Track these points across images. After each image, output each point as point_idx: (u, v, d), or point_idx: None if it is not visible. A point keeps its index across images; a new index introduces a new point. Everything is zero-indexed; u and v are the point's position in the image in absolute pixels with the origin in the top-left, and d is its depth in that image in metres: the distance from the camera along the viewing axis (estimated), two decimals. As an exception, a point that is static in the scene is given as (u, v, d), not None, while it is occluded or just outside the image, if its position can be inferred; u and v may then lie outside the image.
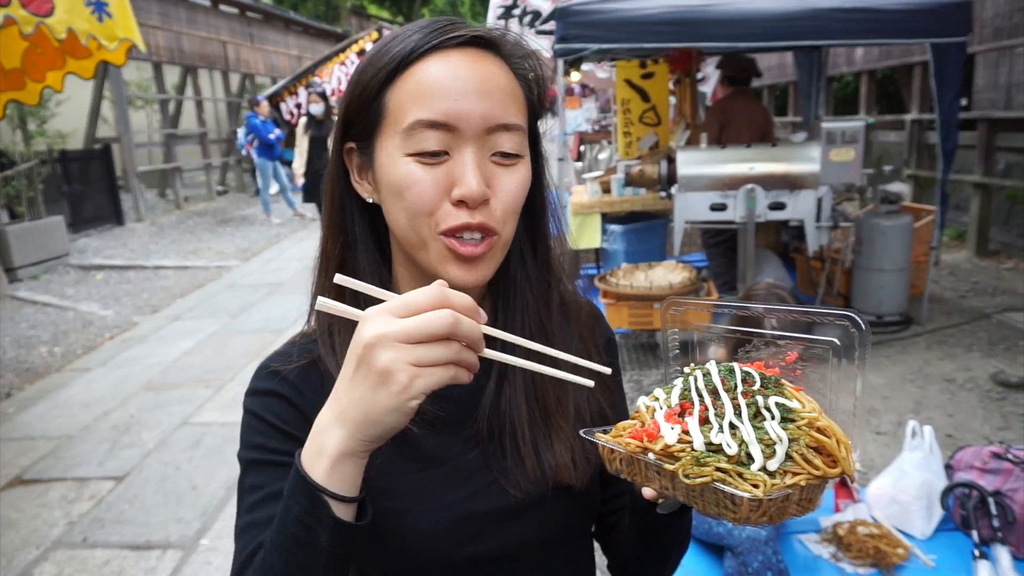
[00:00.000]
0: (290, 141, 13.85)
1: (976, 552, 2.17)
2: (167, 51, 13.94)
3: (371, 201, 0.84)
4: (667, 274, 5.20)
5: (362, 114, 0.80)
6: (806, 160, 4.85)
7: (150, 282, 8.60)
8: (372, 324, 0.61)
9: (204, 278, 8.69)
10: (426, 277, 0.86)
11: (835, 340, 0.72)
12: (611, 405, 0.95)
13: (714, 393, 0.69)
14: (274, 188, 12.32)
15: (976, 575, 2.12)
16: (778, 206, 4.90)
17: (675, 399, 0.71)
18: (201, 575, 3.09)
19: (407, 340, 0.60)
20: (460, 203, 0.75)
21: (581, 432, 0.78)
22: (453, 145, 0.75)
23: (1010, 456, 2.34)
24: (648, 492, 0.75)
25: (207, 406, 4.86)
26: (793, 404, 0.67)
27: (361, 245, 0.86)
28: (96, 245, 10.62)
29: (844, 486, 2.54)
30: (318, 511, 0.64)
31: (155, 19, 13.35)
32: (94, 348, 6.31)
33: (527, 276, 0.90)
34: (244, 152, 12.82)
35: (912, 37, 5.08)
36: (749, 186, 4.81)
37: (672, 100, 7.86)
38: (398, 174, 0.76)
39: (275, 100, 14.67)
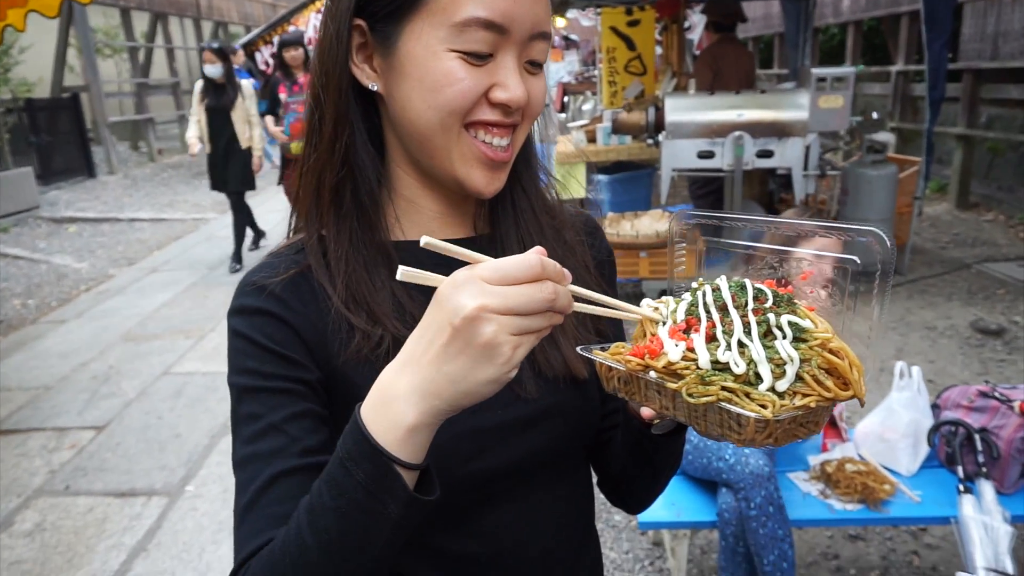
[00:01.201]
0: (264, 93, 13.48)
1: (961, 487, 2.20)
2: (135, -4, 13.40)
3: (373, 88, 0.77)
4: (653, 223, 5.16)
5: None
6: (795, 107, 4.79)
7: (125, 235, 8.41)
8: (469, 294, 0.56)
9: (181, 230, 8.52)
10: (430, 181, 0.81)
11: (855, 259, 0.68)
12: (610, 322, 0.92)
13: (723, 309, 0.65)
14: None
15: (960, 509, 2.15)
16: (766, 154, 4.85)
17: (681, 314, 0.67)
18: (188, 520, 3.07)
19: (511, 313, 0.56)
20: (498, 105, 0.73)
21: (578, 349, 0.75)
22: (498, 47, 0.72)
23: (996, 395, 2.36)
24: (647, 412, 0.72)
25: (188, 356, 4.79)
26: (806, 323, 0.64)
27: (359, 138, 0.79)
28: (67, 198, 10.33)
29: (833, 427, 2.57)
30: (389, 482, 0.60)
31: (121, -39, 12.80)
32: (69, 300, 6.18)
33: (522, 189, 0.87)
34: (218, 102, 12.45)
35: (905, -19, 4.98)
36: (737, 133, 4.76)
37: (658, 49, 7.72)
38: (439, 68, 0.71)
39: (250, 49, 14.21)
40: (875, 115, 5.13)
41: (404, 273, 0.58)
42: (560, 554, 0.86)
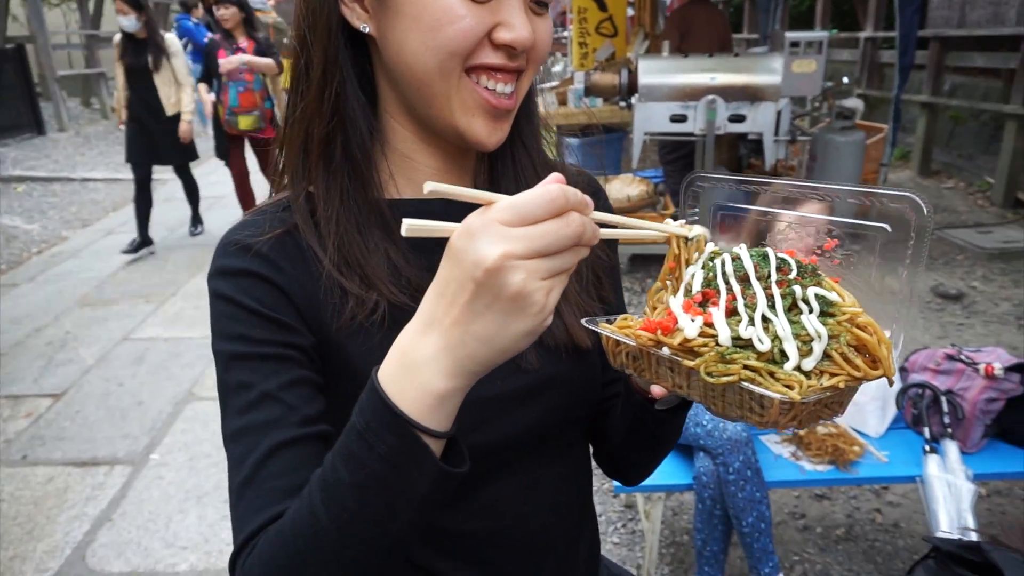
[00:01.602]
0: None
1: (927, 447, 2.25)
2: (81, -58, 12.68)
3: (365, 30, 0.71)
4: (624, 187, 5.14)
5: None
6: (768, 71, 4.77)
7: (78, 195, 8.09)
8: (488, 242, 0.50)
9: (137, 192, 8.20)
10: (427, 133, 0.75)
11: (886, 226, 0.64)
12: (612, 288, 0.88)
13: (744, 281, 0.60)
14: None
15: (926, 468, 2.21)
16: (738, 118, 4.84)
17: (697, 285, 0.62)
18: (153, 489, 3.00)
19: (537, 255, 0.51)
20: (502, 47, 0.68)
21: (583, 321, 0.71)
22: None
23: (962, 357, 2.41)
24: (657, 391, 0.68)
25: (149, 321, 4.65)
26: (833, 296, 0.59)
27: (350, 86, 0.72)
28: (15, 156, 9.86)
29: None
30: (416, 454, 0.55)
31: (65, -96, 12.06)
32: (20, 263, 5.93)
33: (522, 144, 0.82)
34: (175, 58, 11.94)
35: (878, -56, 4.96)
36: (710, 97, 4.72)
37: (630, 10, 7.60)
38: (437, 5, 0.65)
39: (208, 3, 13.63)
40: (845, 80, 5.13)
41: (410, 227, 0.52)
42: (560, 530, 0.84)
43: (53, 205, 7.71)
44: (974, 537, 1.70)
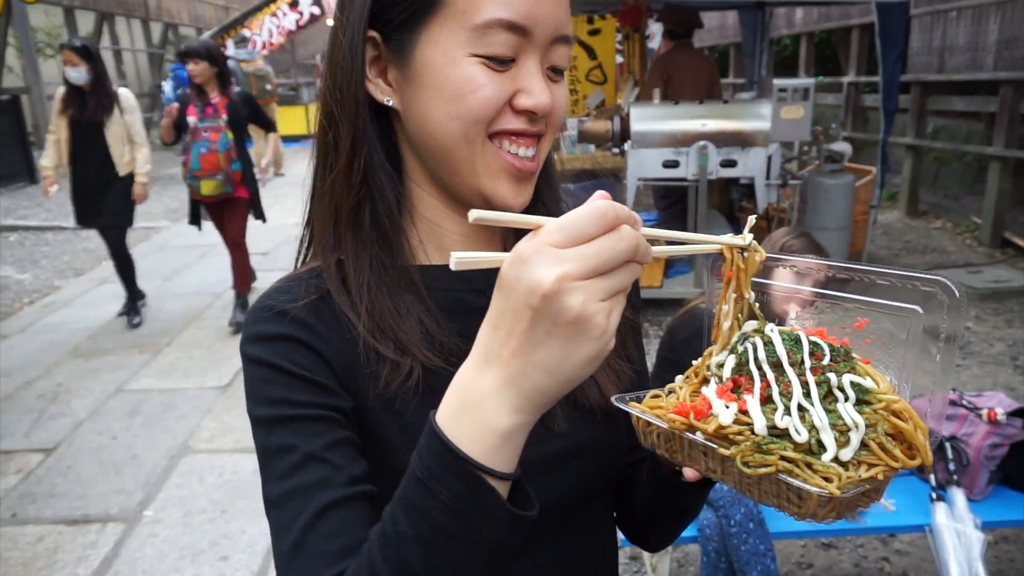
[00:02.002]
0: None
1: (933, 495, 2.24)
2: (79, -5, 12.93)
3: (389, 103, 0.73)
4: (619, 232, 5.18)
5: None
6: (757, 117, 4.87)
7: (71, 244, 8.07)
8: (542, 266, 0.49)
9: (131, 240, 8.16)
10: (453, 200, 0.76)
11: (918, 308, 0.64)
12: (635, 347, 0.89)
13: (777, 367, 0.60)
14: (203, 145, 11.69)
15: (934, 517, 2.19)
16: (729, 163, 4.92)
17: (728, 371, 0.62)
18: (147, 547, 2.93)
19: (593, 275, 0.49)
20: (523, 113, 0.69)
21: (613, 399, 0.70)
22: (521, 51, 0.68)
23: (964, 403, 2.42)
24: (690, 474, 0.67)
25: (143, 372, 4.60)
26: (869, 383, 0.59)
27: (377, 157, 0.74)
28: (7, 205, 9.88)
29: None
30: (483, 499, 0.53)
31: (64, -41, 12.33)
32: (11, 314, 5.89)
33: (544, 207, 0.83)
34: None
35: (859, -4, 5.13)
36: (701, 143, 4.81)
37: (619, 58, 7.78)
38: (459, 75, 0.67)
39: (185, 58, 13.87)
40: (833, 126, 5.24)
41: (459, 261, 0.50)
42: None
43: (46, 254, 7.68)
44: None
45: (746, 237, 0.66)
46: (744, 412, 0.58)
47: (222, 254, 7.34)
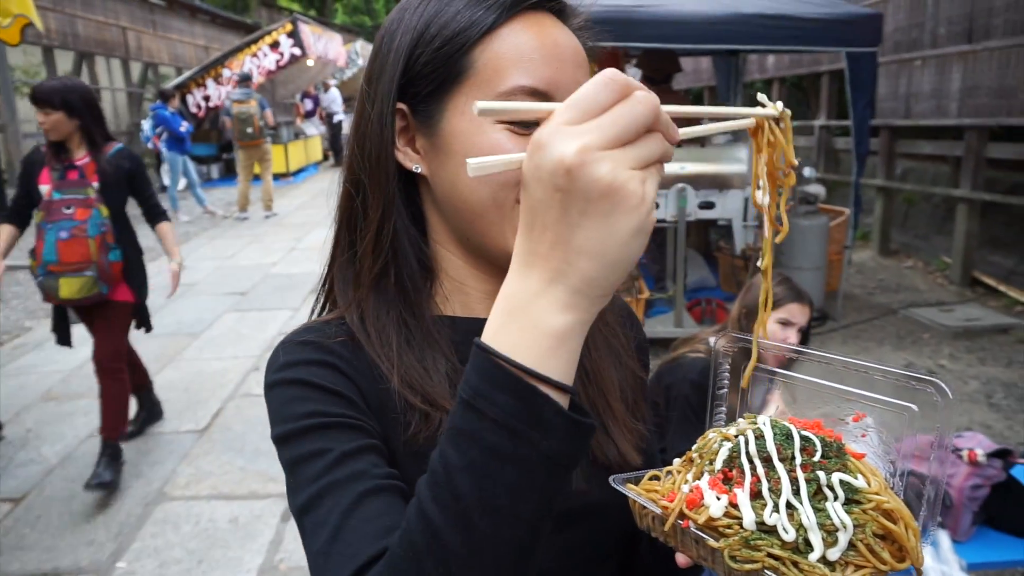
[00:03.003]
0: (198, 135, 13.14)
1: (919, 537, 2.25)
2: (59, 34, 12.92)
3: (417, 171, 0.75)
4: (600, 272, 5.22)
5: (435, 72, 0.70)
6: (733, 160, 4.99)
7: (44, 283, 7.92)
8: (561, 141, 0.47)
9: (106, 279, 8.08)
10: (478, 260, 0.78)
11: (912, 406, 0.66)
12: (645, 401, 0.91)
13: (767, 462, 0.60)
14: (182, 184, 11.64)
15: (920, 560, 2.20)
16: (707, 205, 5.02)
17: (719, 463, 0.63)
18: (119, 602, 2.83)
19: (618, 143, 0.47)
20: None
21: (610, 479, 0.70)
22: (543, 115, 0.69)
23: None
24: (682, 559, 0.66)
25: (117, 416, 4.48)
26: (859, 483, 0.59)
27: (403, 223, 0.76)
28: (-21, 243, 9.69)
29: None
30: (539, 409, 0.48)
31: None
32: (-19, 356, 5.74)
33: None
34: (150, 146, 12.05)
35: (829, 45, 5.32)
36: (680, 185, 4.90)
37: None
38: (486, 142, 0.68)
39: (181, 92, 13.90)
40: (807, 171, 5.38)
41: (476, 166, 0.51)
42: None
43: (16, 294, 7.53)
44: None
45: (777, 106, 0.64)
46: (734, 505, 0.58)
47: (201, 293, 7.29)
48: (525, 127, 0.68)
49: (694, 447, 0.68)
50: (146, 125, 12.20)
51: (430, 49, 0.70)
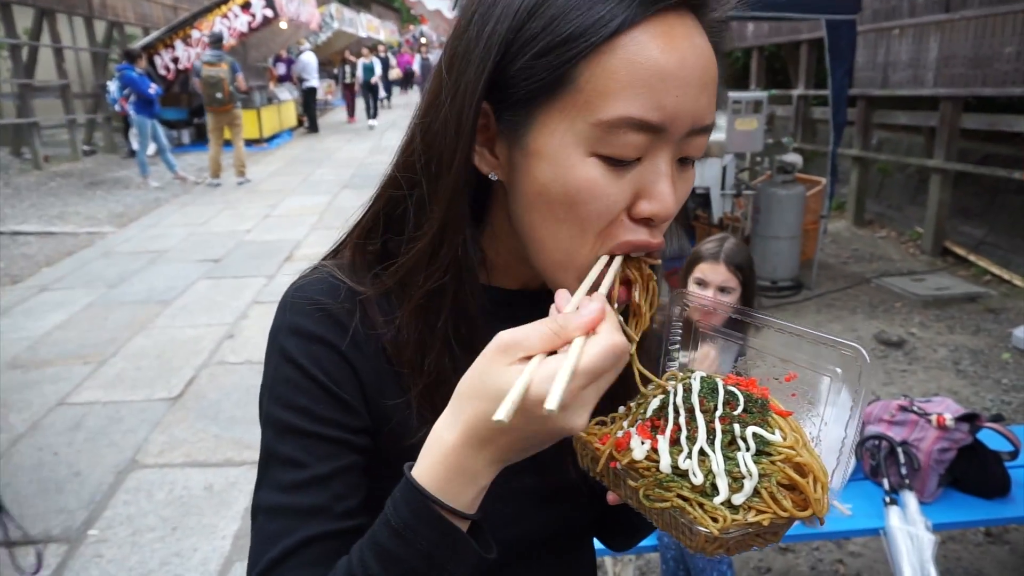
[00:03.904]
0: (168, 98, 12.77)
1: (887, 499, 2.30)
2: (18, -9, 12.41)
3: (493, 178, 0.67)
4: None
5: (532, 79, 0.59)
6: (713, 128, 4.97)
7: (7, 249, 7.72)
8: (576, 416, 0.55)
9: (73, 245, 7.91)
10: (532, 275, 0.71)
11: (837, 369, 0.69)
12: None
13: (691, 412, 0.64)
14: (152, 148, 11.35)
15: (887, 519, 2.25)
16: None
17: (649, 411, 0.67)
18: (92, 569, 2.80)
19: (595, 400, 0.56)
20: (644, 220, 0.62)
21: None
22: (651, 147, 0.60)
23: (915, 408, 2.49)
24: (612, 497, 0.69)
25: (87, 384, 4.41)
26: (772, 436, 0.62)
27: (468, 245, 0.67)
28: (-62, 208, 9.41)
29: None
30: (458, 546, 0.58)
31: (2, -47, 11.83)
32: (-57, 323, 5.59)
33: None
34: (117, 108, 11.70)
35: (809, 12, 5.28)
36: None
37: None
38: (577, 177, 0.59)
39: (149, 53, 13.48)
40: (785, 140, 5.38)
41: (504, 415, 0.53)
42: None
43: (-20, 261, 7.33)
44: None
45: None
46: (655, 450, 0.63)
47: (173, 260, 7.17)
48: (624, 164, 0.60)
49: (636, 397, 0.72)
50: (112, 86, 11.84)
51: (531, 52, 0.59)
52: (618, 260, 0.64)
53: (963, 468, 2.39)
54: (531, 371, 0.53)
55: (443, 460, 0.57)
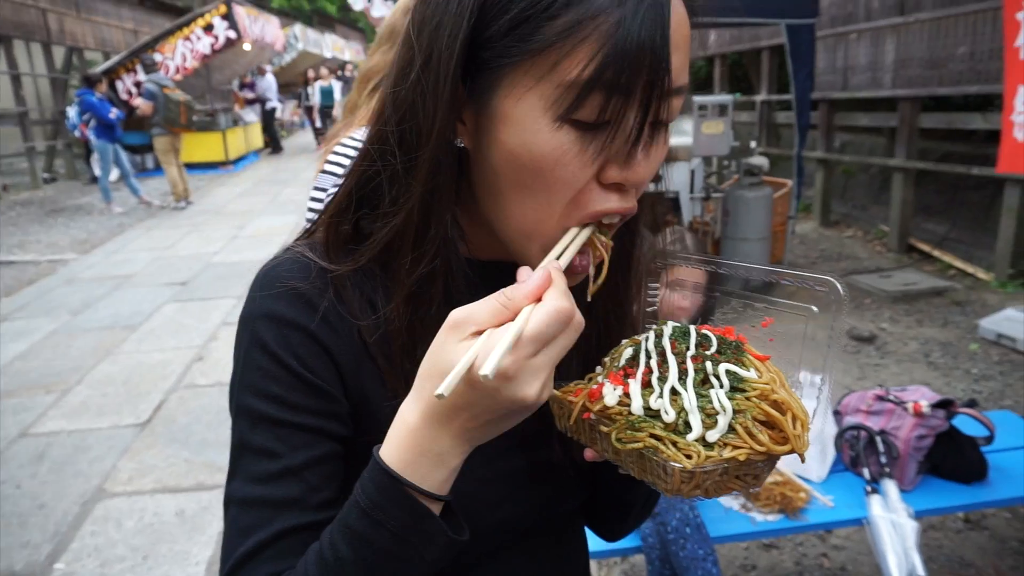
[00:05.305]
0: (129, 123, 12.55)
1: (868, 488, 2.30)
2: (-28, 18, 12.18)
3: (460, 144, 0.64)
4: (551, 248, 5.21)
5: (503, 41, 0.56)
6: (679, 133, 5.02)
7: (-34, 281, 7.49)
8: (526, 384, 0.54)
9: (35, 273, 7.70)
10: (500, 246, 0.68)
11: (813, 307, 0.68)
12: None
13: (662, 355, 0.63)
14: (114, 174, 11.14)
15: (869, 509, 2.25)
16: (655, 178, 5.02)
17: (622, 360, 0.66)
18: (58, 603, 2.69)
19: (553, 366, 0.55)
20: (615, 186, 0.60)
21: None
22: (621, 110, 0.56)
23: (891, 398, 2.50)
24: (589, 453, 0.67)
25: (50, 414, 4.27)
26: (747, 373, 0.61)
27: (454, 226, 0.65)
28: None
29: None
30: (426, 527, 0.57)
31: (-45, -20, 11.60)
32: (-102, 358, 5.38)
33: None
34: (77, 134, 11.48)
35: (769, 17, 5.38)
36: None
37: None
38: (544, 141, 0.57)
39: (110, 77, 13.28)
40: (753, 144, 5.46)
41: (443, 391, 0.53)
42: None
43: (-63, 292, 7.10)
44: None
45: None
46: (627, 395, 0.61)
47: (139, 285, 7.01)
48: (590, 128, 0.57)
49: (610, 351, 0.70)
50: (72, 112, 11.61)
51: (505, 16, 0.56)
52: (586, 231, 0.63)
53: (941, 454, 2.40)
54: (478, 345, 0.52)
55: (408, 441, 0.57)
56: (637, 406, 0.60)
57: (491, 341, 0.52)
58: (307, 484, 0.64)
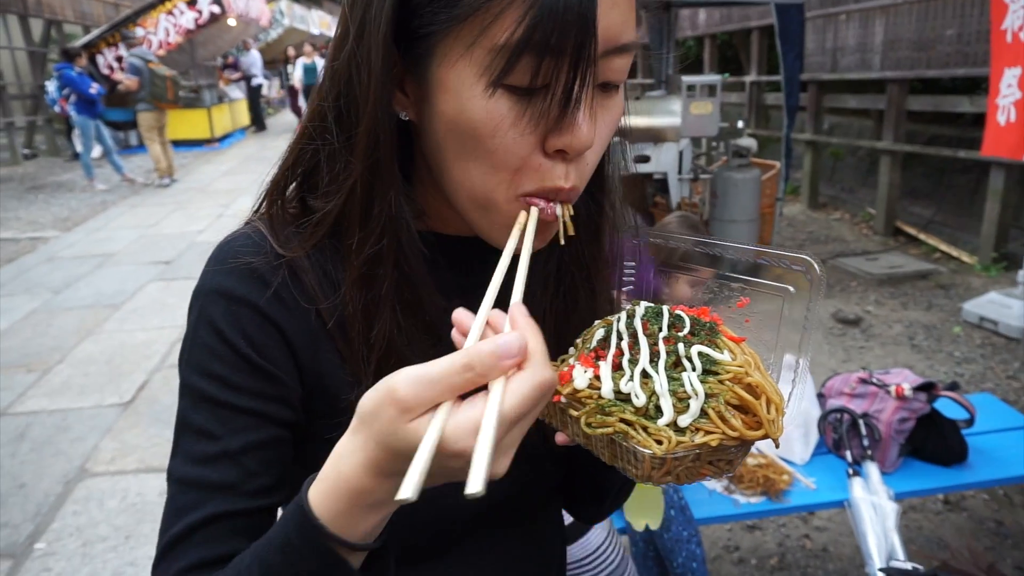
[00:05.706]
0: (112, 99, 12.33)
1: (850, 471, 2.32)
2: (-54, -12, 11.85)
3: (404, 117, 0.62)
4: (538, 229, 5.18)
5: (431, 5, 0.55)
6: (668, 113, 4.98)
7: (-56, 258, 7.37)
8: (498, 466, 0.49)
9: (14, 251, 7.58)
10: (464, 221, 0.67)
11: (790, 288, 0.67)
12: None
13: (634, 337, 0.61)
14: (97, 150, 10.95)
15: (851, 491, 2.27)
16: (642, 159, 5.01)
17: (593, 342, 0.64)
18: (39, 584, 2.67)
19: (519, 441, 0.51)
20: (558, 153, 0.58)
21: None
22: (558, 73, 0.54)
23: (874, 380, 2.51)
24: (560, 437, 0.66)
25: (31, 393, 4.22)
26: (721, 356, 0.59)
27: (402, 200, 0.63)
28: None
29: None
30: (339, 573, 0.53)
31: (-72, -51, 11.26)
32: None
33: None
34: (57, 109, 11.26)
35: (759, -4, 5.33)
36: (615, 139, 4.86)
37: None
38: (480, 108, 0.55)
39: (91, 51, 13.01)
40: (740, 123, 5.43)
41: (410, 492, 0.45)
42: None
43: (-85, 270, 6.98)
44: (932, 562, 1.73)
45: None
46: (597, 377, 0.59)
47: (122, 263, 6.92)
48: (527, 93, 0.54)
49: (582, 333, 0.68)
50: (51, 87, 11.38)
51: None
52: (533, 219, 0.60)
53: (922, 437, 2.42)
54: (438, 425, 0.46)
55: (342, 488, 0.51)
56: (607, 389, 0.58)
57: (458, 420, 0.46)
58: (244, 469, 0.62)
